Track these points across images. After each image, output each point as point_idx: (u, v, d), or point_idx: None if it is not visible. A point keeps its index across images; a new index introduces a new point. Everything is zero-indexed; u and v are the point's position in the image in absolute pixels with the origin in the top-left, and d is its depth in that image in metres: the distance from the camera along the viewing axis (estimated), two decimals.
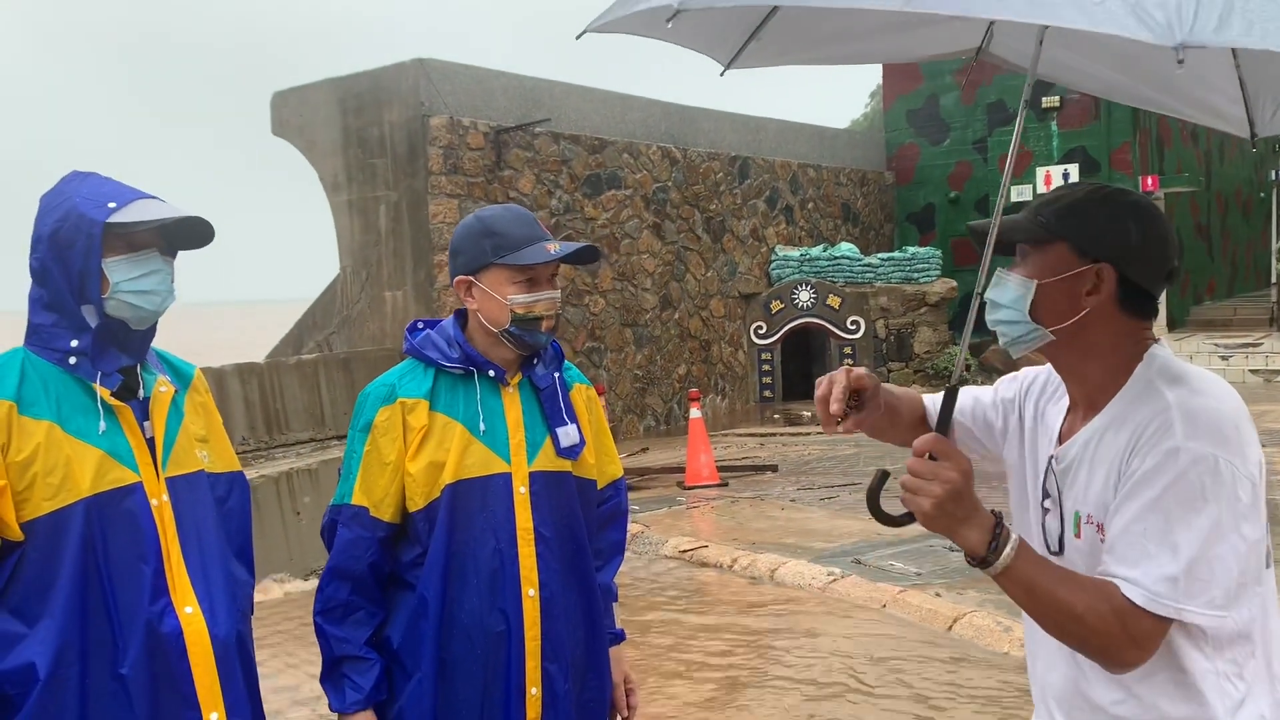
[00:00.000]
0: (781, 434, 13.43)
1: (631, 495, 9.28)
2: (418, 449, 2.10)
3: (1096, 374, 1.61)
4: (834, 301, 16.24)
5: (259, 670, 2.09)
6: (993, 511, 1.49)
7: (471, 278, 2.15)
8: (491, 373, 2.16)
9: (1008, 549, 1.47)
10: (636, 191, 14.33)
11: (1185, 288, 20.40)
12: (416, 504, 2.10)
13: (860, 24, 2.01)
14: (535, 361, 2.21)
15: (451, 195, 11.94)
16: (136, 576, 1.86)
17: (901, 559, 6.71)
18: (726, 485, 9.60)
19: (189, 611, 1.89)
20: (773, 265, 16.72)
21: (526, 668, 2.10)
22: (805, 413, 14.85)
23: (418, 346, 2.18)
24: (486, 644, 2.09)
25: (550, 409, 2.20)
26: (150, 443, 1.93)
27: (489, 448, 2.12)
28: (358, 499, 2.10)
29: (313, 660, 5.42)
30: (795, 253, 16.72)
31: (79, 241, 1.86)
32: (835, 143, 19.02)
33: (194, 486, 1.98)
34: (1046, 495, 1.67)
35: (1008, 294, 1.63)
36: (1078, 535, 1.60)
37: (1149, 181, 17.76)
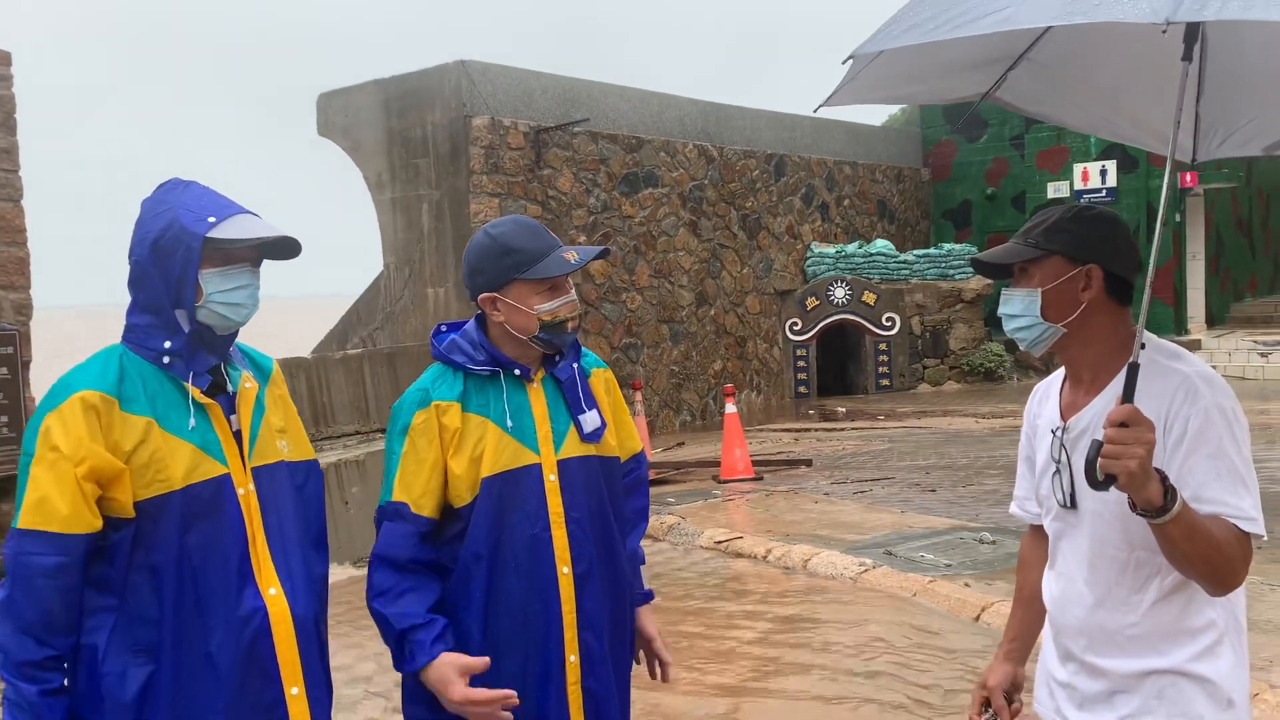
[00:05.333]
0: (816, 429, 13.55)
1: (668, 488, 9.53)
2: (456, 449, 2.27)
3: (1099, 356, 1.96)
4: (869, 298, 16.32)
5: None
6: (1155, 468, 1.67)
7: (496, 294, 2.30)
8: (517, 371, 2.33)
9: (1179, 497, 1.68)
10: (673, 190, 14.51)
11: (1225, 284, 20.22)
12: (463, 499, 2.27)
13: (927, 68, 2.32)
14: (556, 357, 2.38)
15: (492, 194, 12.19)
16: (225, 561, 2.00)
17: (932, 551, 6.86)
18: (761, 479, 9.76)
19: (273, 593, 2.02)
20: (808, 262, 16.82)
21: (565, 638, 2.28)
22: (840, 408, 14.97)
23: (445, 352, 2.34)
24: (528, 619, 2.27)
25: (571, 398, 2.37)
26: (237, 435, 2.07)
27: (519, 441, 2.29)
28: (398, 495, 2.26)
29: (363, 642, 5.68)
30: (831, 249, 16.81)
31: (179, 251, 1.96)
32: (871, 139, 19.06)
33: (275, 476, 2.12)
34: (1055, 461, 1.99)
35: (1019, 305, 1.99)
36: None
37: (1188, 178, 17.61)
